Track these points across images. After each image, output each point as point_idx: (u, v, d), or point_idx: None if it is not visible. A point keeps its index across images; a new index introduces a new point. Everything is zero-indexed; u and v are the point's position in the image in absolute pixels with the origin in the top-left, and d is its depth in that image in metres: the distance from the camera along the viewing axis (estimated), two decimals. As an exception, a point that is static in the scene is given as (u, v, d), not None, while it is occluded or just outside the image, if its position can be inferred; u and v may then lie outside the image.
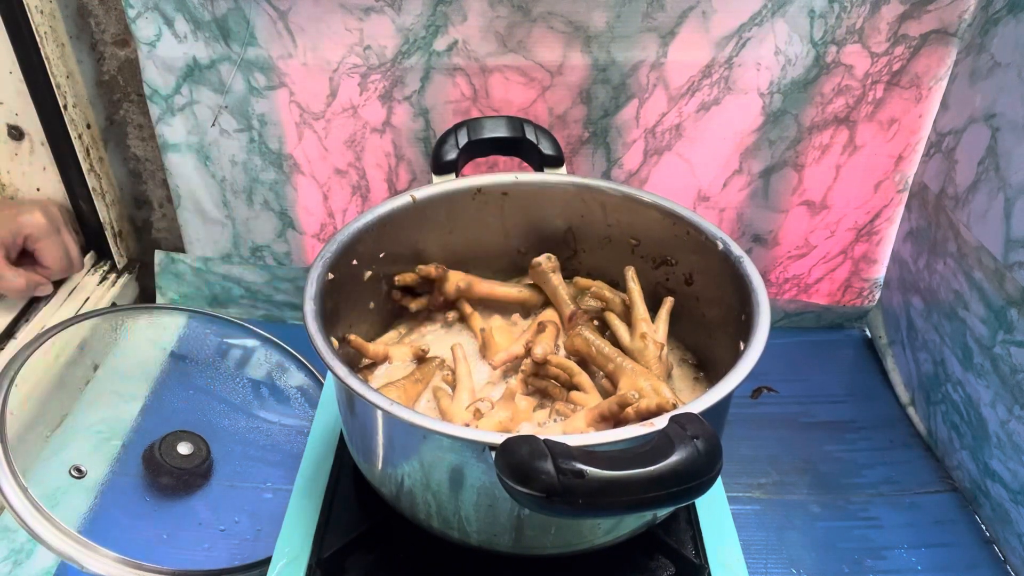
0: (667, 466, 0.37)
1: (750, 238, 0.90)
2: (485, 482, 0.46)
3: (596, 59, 0.77)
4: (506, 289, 0.67)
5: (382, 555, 0.56)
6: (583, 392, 0.56)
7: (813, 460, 0.80)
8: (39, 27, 0.76)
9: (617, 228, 0.65)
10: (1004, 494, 0.71)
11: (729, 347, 0.55)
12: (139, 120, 0.88)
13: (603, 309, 0.63)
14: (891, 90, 0.80)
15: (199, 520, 0.71)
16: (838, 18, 0.75)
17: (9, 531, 0.69)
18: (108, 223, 0.91)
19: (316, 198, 0.87)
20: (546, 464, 0.37)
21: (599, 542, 0.51)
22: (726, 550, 0.56)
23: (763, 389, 0.63)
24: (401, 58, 0.77)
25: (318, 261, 0.56)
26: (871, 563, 0.70)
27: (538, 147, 0.66)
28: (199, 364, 0.87)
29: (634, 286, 0.62)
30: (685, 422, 0.40)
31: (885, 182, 0.86)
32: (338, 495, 0.59)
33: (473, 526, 0.49)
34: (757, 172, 0.85)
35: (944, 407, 0.80)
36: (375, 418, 0.49)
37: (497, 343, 0.61)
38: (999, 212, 0.69)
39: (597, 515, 0.43)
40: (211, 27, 0.76)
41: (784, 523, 0.74)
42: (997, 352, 0.70)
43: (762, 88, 0.79)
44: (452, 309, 0.66)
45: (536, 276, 0.66)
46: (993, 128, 0.71)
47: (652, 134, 0.82)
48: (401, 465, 0.50)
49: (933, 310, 0.81)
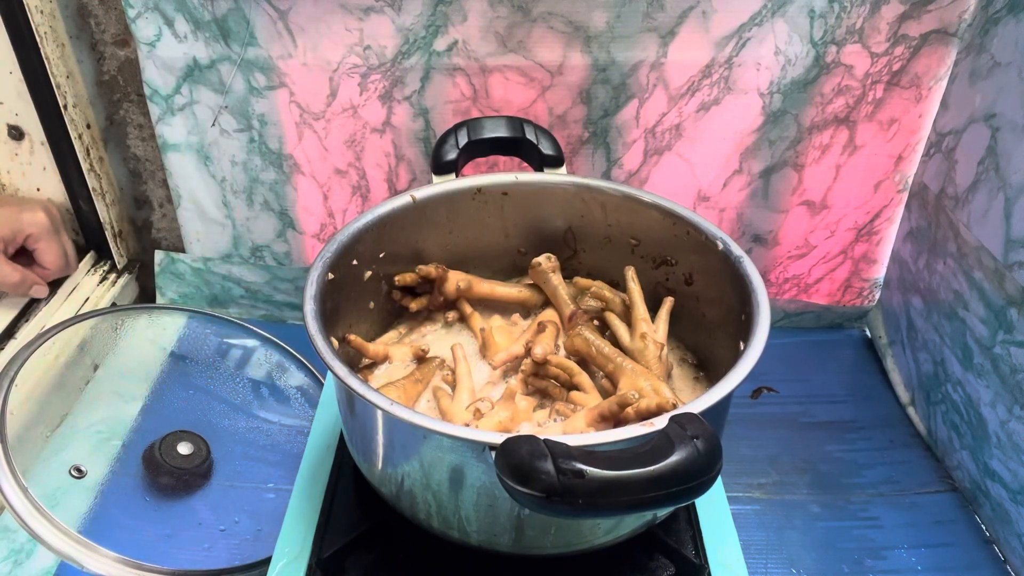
0: (667, 466, 0.37)
1: (750, 238, 0.90)
2: (485, 482, 0.46)
3: (596, 59, 0.77)
4: (506, 289, 0.67)
5: (382, 555, 0.56)
6: (583, 392, 0.56)
7: (813, 460, 0.80)
8: (39, 27, 0.76)
9: (617, 228, 0.65)
10: (1004, 494, 0.71)
11: (729, 347, 0.55)
12: (139, 120, 0.88)
13: (603, 309, 0.63)
14: (891, 90, 0.80)
15: (199, 520, 0.71)
16: (838, 18, 0.75)
17: (9, 531, 0.69)
18: (108, 223, 0.91)
19: (316, 198, 0.87)
20: (546, 464, 0.37)
21: (599, 542, 0.51)
22: (726, 550, 0.56)
23: (763, 389, 0.63)
24: (401, 58, 0.77)
25: (318, 261, 0.56)
26: (871, 563, 0.70)
27: (538, 147, 0.66)
28: (199, 364, 0.87)
29: (634, 286, 0.62)
30: (685, 422, 0.40)
31: (885, 182, 0.86)
32: (338, 495, 0.59)
33: (473, 526, 0.49)
34: (757, 172, 0.85)
35: (944, 407, 0.80)
36: (375, 418, 0.49)
37: (497, 343, 0.61)
38: (999, 212, 0.69)
39: (597, 515, 0.43)
40: (211, 27, 0.76)
41: (784, 523, 0.74)
42: (997, 352, 0.70)
43: (762, 88, 0.79)
44: (452, 309, 0.66)
45: (536, 276, 0.66)
46: (993, 128, 0.71)
47: (652, 134, 0.82)
48: (401, 465, 0.50)
49: (933, 310, 0.81)
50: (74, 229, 0.91)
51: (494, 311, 0.66)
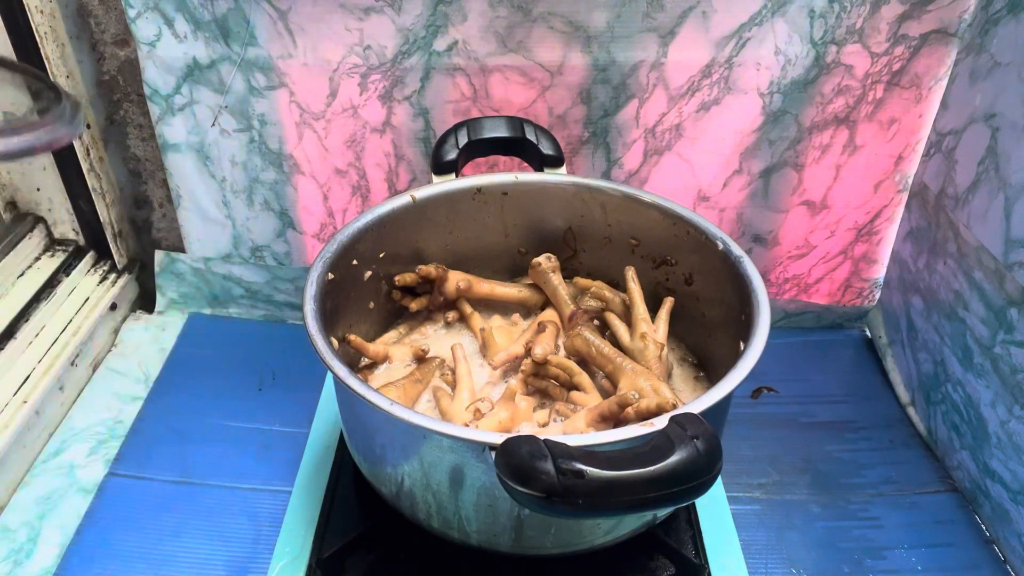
0: (667, 466, 0.37)
1: (750, 238, 0.90)
2: (485, 482, 0.46)
3: (596, 59, 0.77)
4: (506, 289, 0.67)
5: (382, 555, 0.56)
6: (583, 392, 0.56)
7: (813, 460, 0.80)
8: (39, 27, 0.76)
9: (617, 228, 0.65)
10: (1004, 494, 0.71)
11: (729, 347, 0.55)
12: (139, 120, 0.88)
13: (603, 309, 0.63)
14: (891, 90, 0.80)
15: (198, 521, 0.71)
16: (838, 18, 0.75)
17: (9, 531, 0.69)
18: (108, 223, 0.91)
19: (316, 198, 0.87)
20: (546, 464, 0.37)
21: (599, 542, 0.51)
22: (726, 550, 0.56)
23: (763, 389, 0.63)
24: (401, 58, 0.77)
25: (318, 261, 0.56)
26: (871, 563, 0.70)
27: (538, 147, 0.66)
28: (199, 365, 0.88)
29: (634, 286, 0.62)
30: (685, 422, 0.40)
31: (885, 182, 0.86)
32: (338, 495, 0.59)
33: (473, 526, 0.49)
34: (757, 172, 0.85)
35: (944, 407, 0.80)
36: (375, 418, 0.49)
37: (497, 343, 0.61)
38: (999, 212, 0.69)
39: (597, 515, 0.43)
40: (211, 27, 0.76)
41: (784, 523, 0.74)
42: (997, 352, 0.70)
43: (762, 88, 0.79)
44: (452, 309, 0.66)
45: (536, 276, 0.66)
46: (993, 128, 0.71)
47: (652, 134, 0.82)
48: (401, 465, 0.50)
49: (933, 310, 0.81)
50: (74, 229, 0.91)
51: (494, 311, 0.67)
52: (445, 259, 0.65)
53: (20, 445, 0.74)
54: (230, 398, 0.83)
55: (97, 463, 0.76)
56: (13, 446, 0.72)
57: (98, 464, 0.76)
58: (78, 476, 0.74)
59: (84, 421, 0.80)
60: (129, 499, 0.72)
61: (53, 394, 0.79)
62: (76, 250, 0.91)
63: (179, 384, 0.85)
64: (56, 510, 0.71)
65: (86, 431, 0.79)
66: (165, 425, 0.80)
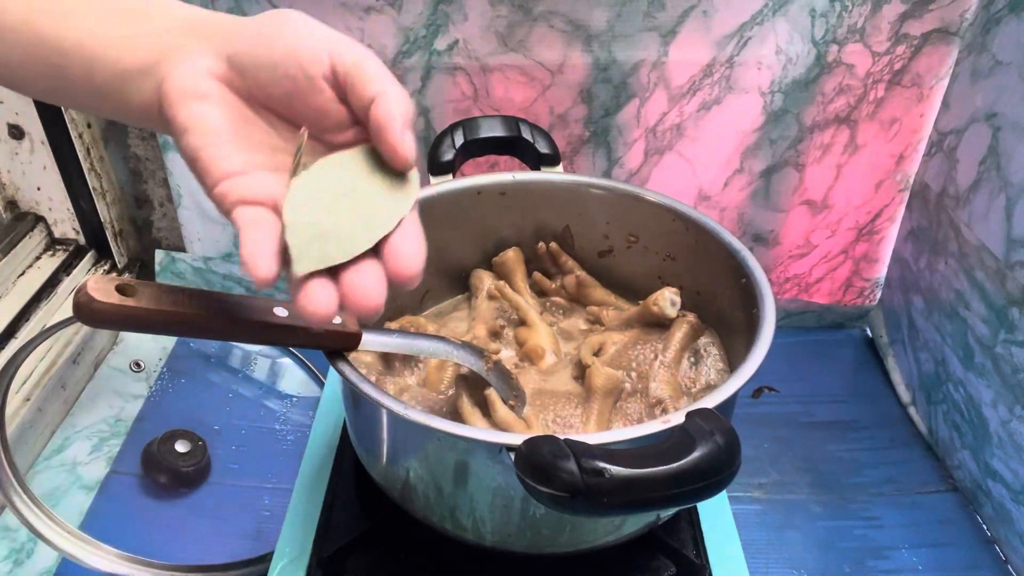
0: (690, 462, 0.37)
1: (751, 237, 0.90)
2: (501, 483, 0.45)
3: (597, 58, 0.77)
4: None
5: (382, 555, 0.56)
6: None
7: (814, 460, 0.80)
8: (40, 26, 0.76)
9: (615, 226, 0.65)
10: (1005, 494, 0.71)
11: (729, 347, 0.55)
12: (140, 119, 0.88)
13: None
14: (892, 89, 0.80)
15: (199, 519, 0.71)
16: (839, 17, 0.75)
17: (10, 531, 0.69)
18: (108, 222, 0.91)
19: (317, 197, 0.87)
20: (569, 464, 0.36)
21: (601, 542, 0.51)
22: (727, 550, 0.56)
23: (764, 389, 0.63)
24: (402, 57, 0.77)
25: (318, 260, 0.55)
26: (872, 563, 0.70)
27: (534, 146, 0.66)
28: (199, 364, 0.88)
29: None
30: (702, 418, 0.40)
31: (886, 181, 0.86)
32: (338, 495, 0.59)
33: (488, 527, 0.49)
34: (758, 171, 0.85)
35: (945, 407, 0.80)
36: (387, 422, 0.48)
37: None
38: (1000, 212, 0.69)
39: (620, 513, 0.43)
40: (211, 26, 0.76)
41: (785, 523, 0.74)
42: (998, 352, 0.70)
43: (763, 87, 0.79)
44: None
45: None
46: (994, 127, 0.71)
47: (653, 133, 0.82)
48: (413, 467, 0.49)
49: (934, 310, 0.81)
50: (74, 229, 0.91)
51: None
52: (442, 259, 0.65)
53: (22, 443, 0.74)
54: (230, 397, 0.83)
55: (99, 461, 0.76)
56: (16, 444, 0.72)
57: (100, 462, 0.76)
58: (80, 474, 0.74)
59: (86, 419, 0.80)
60: (130, 497, 0.73)
61: (55, 392, 0.79)
62: (76, 249, 0.91)
63: (180, 383, 0.85)
64: (58, 508, 0.71)
65: (88, 429, 0.79)
66: (166, 423, 0.80)
